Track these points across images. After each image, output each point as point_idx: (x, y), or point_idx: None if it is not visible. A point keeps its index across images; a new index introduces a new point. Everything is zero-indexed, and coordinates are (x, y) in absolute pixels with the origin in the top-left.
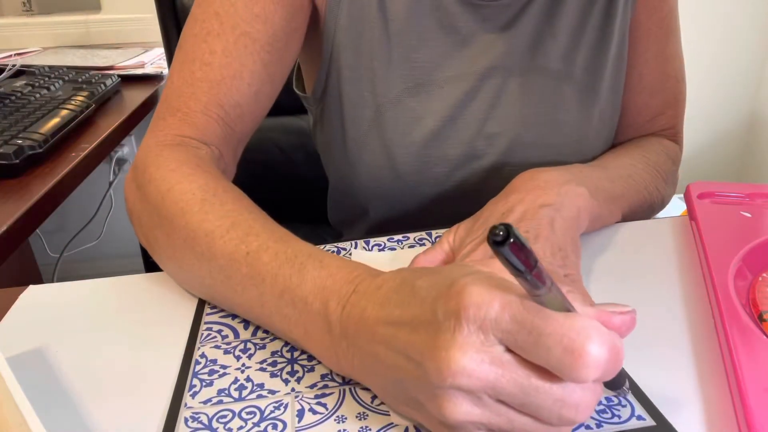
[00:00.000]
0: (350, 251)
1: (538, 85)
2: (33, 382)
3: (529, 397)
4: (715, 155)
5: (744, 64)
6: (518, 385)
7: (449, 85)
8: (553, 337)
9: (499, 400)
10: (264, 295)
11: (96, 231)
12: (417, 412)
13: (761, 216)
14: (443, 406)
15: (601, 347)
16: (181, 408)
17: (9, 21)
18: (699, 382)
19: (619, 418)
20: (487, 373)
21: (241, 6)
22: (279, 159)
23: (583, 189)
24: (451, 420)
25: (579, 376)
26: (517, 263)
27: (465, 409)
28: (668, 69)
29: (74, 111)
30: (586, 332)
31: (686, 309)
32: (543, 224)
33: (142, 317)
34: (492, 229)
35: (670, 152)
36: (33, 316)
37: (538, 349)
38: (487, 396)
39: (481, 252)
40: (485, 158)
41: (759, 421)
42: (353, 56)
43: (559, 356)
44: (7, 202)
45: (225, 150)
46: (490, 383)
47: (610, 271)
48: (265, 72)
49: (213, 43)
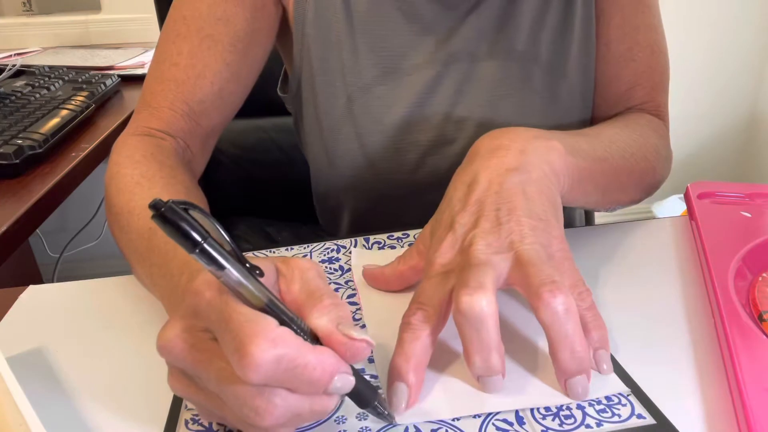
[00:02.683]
0: (350, 249)
1: (504, 68)
2: (33, 382)
3: (218, 388)
4: (715, 155)
5: (744, 64)
6: (208, 374)
7: (416, 72)
8: (231, 333)
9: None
10: (152, 267)
11: (96, 231)
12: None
13: (761, 216)
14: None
15: (264, 353)
16: (181, 410)
17: (9, 21)
18: (699, 382)
19: (620, 417)
20: (185, 354)
21: (205, 9)
22: (279, 159)
23: (554, 142)
24: (172, 389)
25: (242, 375)
26: (181, 241)
27: (175, 381)
28: (639, 38)
29: (74, 111)
30: (255, 335)
31: (686, 309)
32: (514, 194)
33: (142, 317)
34: (150, 207)
35: (653, 125)
36: (33, 316)
37: (223, 343)
38: (194, 376)
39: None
40: (456, 143)
41: (759, 421)
42: (323, 48)
43: (231, 352)
44: (7, 202)
45: (191, 142)
46: (188, 364)
47: (610, 271)
48: (227, 71)
49: (180, 44)
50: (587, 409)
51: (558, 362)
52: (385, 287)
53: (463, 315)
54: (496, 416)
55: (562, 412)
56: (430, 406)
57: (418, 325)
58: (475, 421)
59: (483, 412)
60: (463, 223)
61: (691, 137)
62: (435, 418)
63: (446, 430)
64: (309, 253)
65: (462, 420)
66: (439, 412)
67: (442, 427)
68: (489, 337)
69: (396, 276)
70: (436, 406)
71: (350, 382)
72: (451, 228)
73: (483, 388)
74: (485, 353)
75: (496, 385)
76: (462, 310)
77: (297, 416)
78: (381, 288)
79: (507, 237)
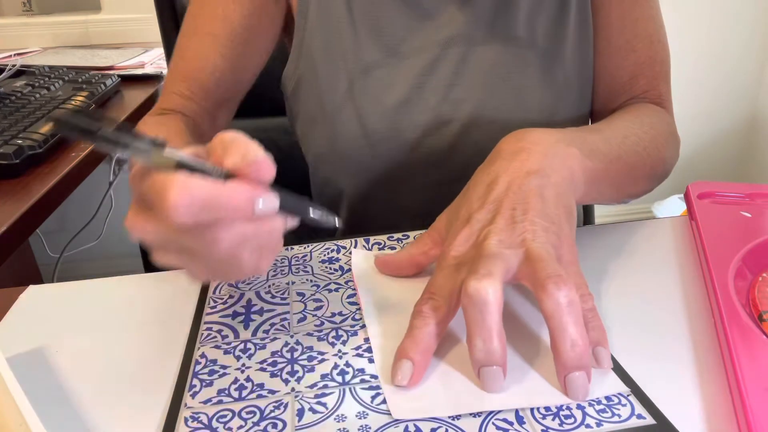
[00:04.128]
0: (350, 249)
1: (501, 52)
2: (33, 382)
3: (172, 243)
4: (715, 155)
5: (744, 64)
6: (161, 236)
7: (416, 56)
8: (151, 194)
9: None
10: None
11: (96, 231)
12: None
13: (761, 216)
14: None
15: (179, 195)
16: (181, 408)
17: (9, 21)
18: (699, 382)
19: (620, 417)
20: (145, 227)
21: (209, 9)
22: (279, 159)
23: (573, 149)
24: (158, 265)
25: (169, 220)
26: (79, 131)
27: (157, 256)
28: (638, 30)
29: None
30: (168, 186)
31: (686, 309)
32: (531, 196)
33: (142, 317)
34: (52, 119)
35: (660, 115)
36: (33, 316)
37: (151, 206)
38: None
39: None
40: (452, 124)
41: (759, 421)
42: (324, 36)
43: (156, 209)
44: (7, 202)
45: (200, 119)
46: (151, 235)
47: (610, 271)
48: (224, 62)
49: (188, 41)
50: (587, 409)
51: (558, 354)
52: (397, 272)
53: (469, 297)
54: (496, 416)
55: (562, 412)
56: (429, 404)
57: (428, 313)
58: (475, 421)
59: (483, 411)
60: (479, 219)
61: (691, 137)
62: (434, 416)
63: (446, 429)
64: (309, 253)
65: (462, 419)
66: (438, 411)
67: (442, 426)
68: (492, 321)
69: (407, 260)
70: (436, 404)
71: (273, 200)
72: (467, 222)
73: (483, 383)
74: (486, 335)
75: (496, 379)
76: (469, 292)
77: (248, 239)
78: (392, 273)
79: (520, 235)
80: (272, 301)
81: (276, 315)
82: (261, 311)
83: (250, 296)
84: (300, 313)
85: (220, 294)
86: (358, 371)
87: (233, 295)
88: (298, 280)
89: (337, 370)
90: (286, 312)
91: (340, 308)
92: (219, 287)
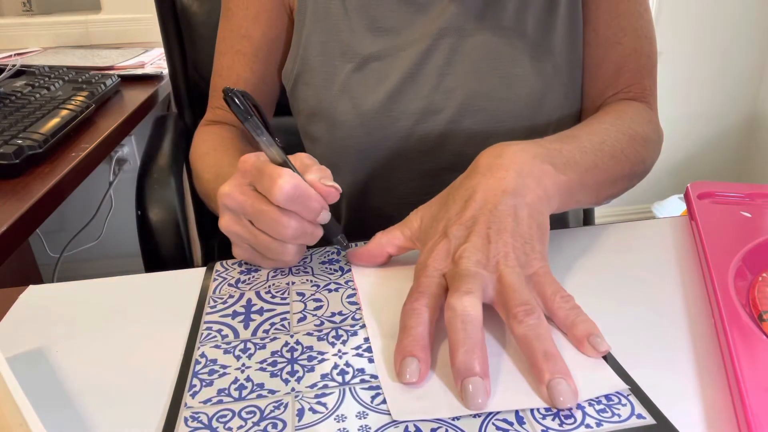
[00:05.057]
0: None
1: (492, 43)
2: (33, 382)
3: (259, 215)
4: (715, 155)
5: (744, 65)
6: (254, 207)
7: (410, 47)
8: (266, 176)
9: (250, 221)
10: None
11: (96, 231)
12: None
13: (761, 216)
14: (220, 218)
15: (287, 182)
16: (181, 408)
17: (9, 21)
18: (699, 382)
19: (619, 417)
20: (238, 198)
21: (235, 29)
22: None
23: (547, 166)
24: (222, 227)
25: (274, 197)
26: (239, 112)
27: (226, 220)
28: (624, 24)
29: (74, 111)
30: (280, 174)
31: (686, 309)
32: (505, 216)
33: (142, 317)
34: (223, 92)
35: (641, 112)
36: (33, 316)
37: (260, 184)
38: (242, 216)
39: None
40: (444, 112)
41: (759, 421)
42: (323, 34)
43: (266, 187)
44: (7, 202)
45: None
46: (240, 204)
47: (610, 271)
48: (254, 76)
49: (222, 60)
50: (587, 409)
51: (535, 367)
52: (369, 262)
53: (453, 310)
54: (496, 416)
55: (562, 412)
56: (430, 404)
57: (422, 310)
58: (475, 421)
59: (483, 412)
60: (457, 235)
61: (691, 137)
62: (435, 417)
63: (446, 429)
64: (309, 256)
65: (462, 420)
66: (438, 411)
67: (442, 427)
68: (475, 333)
69: (378, 250)
70: (437, 404)
71: (329, 216)
72: (445, 236)
73: (464, 397)
74: (469, 346)
75: (478, 391)
76: (453, 305)
77: (303, 234)
78: (365, 263)
79: (494, 257)
80: (272, 301)
81: (276, 315)
82: (261, 311)
83: (250, 296)
84: (300, 313)
85: (220, 294)
86: (358, 371)
87: (233, 295)
88: (298, 280)
89: (337, 370)
90: (286, 312)
91: (340, 308)
92: (219, 287)
